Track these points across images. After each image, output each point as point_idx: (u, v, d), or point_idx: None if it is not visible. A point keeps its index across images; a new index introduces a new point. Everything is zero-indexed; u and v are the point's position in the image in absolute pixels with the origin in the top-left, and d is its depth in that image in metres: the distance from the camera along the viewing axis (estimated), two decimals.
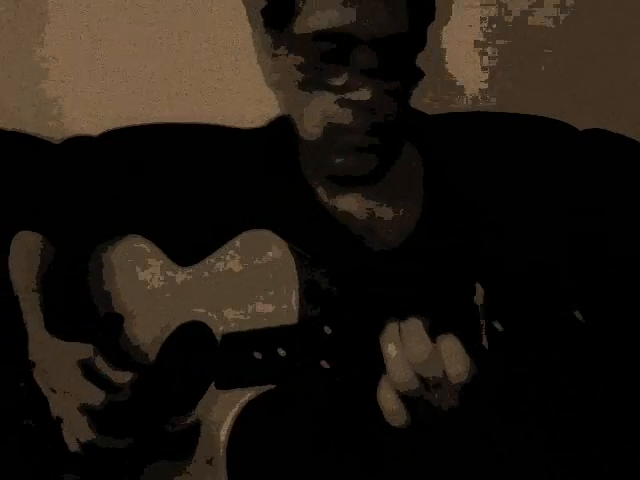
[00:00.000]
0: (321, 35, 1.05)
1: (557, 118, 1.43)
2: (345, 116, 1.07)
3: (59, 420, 1.09)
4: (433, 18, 1.13)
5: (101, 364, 1.08)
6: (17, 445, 1.14)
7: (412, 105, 1.20)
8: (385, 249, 1.15)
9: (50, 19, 1.60)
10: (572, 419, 1.15)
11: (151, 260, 1.19)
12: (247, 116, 1.29)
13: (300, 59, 1.08)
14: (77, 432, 1.06)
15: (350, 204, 1.18)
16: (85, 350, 1.09)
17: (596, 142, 1.43)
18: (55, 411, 1.09)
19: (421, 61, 1.12)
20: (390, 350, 0.91)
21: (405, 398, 0.92)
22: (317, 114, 1.09)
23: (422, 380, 0.90)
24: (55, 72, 1.60)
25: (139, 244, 1.20)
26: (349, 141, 1.09)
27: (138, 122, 1.42)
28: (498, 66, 1.58)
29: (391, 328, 0.92)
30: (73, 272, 1.21)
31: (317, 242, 1.11)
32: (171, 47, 1.55)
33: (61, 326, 1.14)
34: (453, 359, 0.88)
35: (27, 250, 1.22)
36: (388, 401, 0.92)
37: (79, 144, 1.35)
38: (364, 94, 1.05)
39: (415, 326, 0.91)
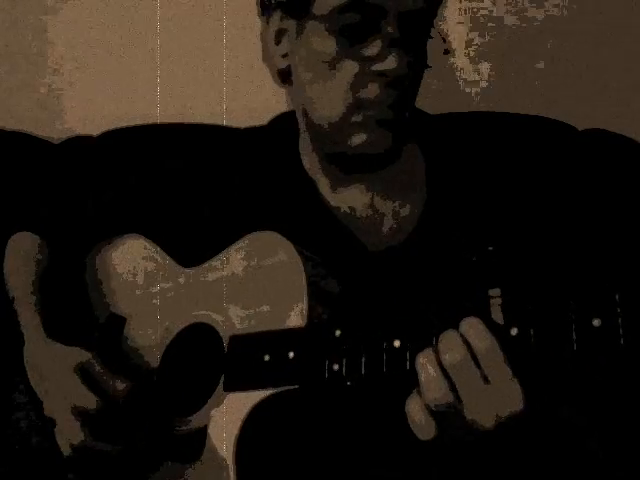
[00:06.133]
0: (347, 7, 1.06)
1: (557, 118, 1.44)
2: (372, 88, 1.08)
3: (52, 423, 1.09)
4: None
5: (98, 370, 1.08)
6: (17, 446, 1.14)
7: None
8: (387, 247, 1.15)
9: (51, 19, 1.60)
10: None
11: (153, 261, 1.18)
12: (249, 116, 1.29)
13: (326, 35, 1.07)
14: (69, 435, 1.06)
15: (353, 197, 1.17)
16: (83, 355, 1.09)
17: (596, 142, 1.43)
18: (48, 413, 1.09)
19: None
20: (424, 365, 0.89)
21: (434, 412, 0.90)
22: (342, 89, 1.09)
23: (453, 389, 0.88)
24: (55, 72, 1.60)
25: (141, 245, 1.20)
26: (372, 114, 1.09)
27: (138, 122, 1.42)
28: (499, 66, 1.58)
29: (427, 350, 0.90)
30: (71, 274, 1.21)
31: (319, 241, 1.11)
32: (172, 48, 1.55)
33: (59, 329, 1.14)
34: (476, 334, 0.87)
35: (23, 252, 1.21)
36: (417, 413, 0.90)
37: (79, 144, 1.35)
38: (391, 63, 1.06)
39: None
